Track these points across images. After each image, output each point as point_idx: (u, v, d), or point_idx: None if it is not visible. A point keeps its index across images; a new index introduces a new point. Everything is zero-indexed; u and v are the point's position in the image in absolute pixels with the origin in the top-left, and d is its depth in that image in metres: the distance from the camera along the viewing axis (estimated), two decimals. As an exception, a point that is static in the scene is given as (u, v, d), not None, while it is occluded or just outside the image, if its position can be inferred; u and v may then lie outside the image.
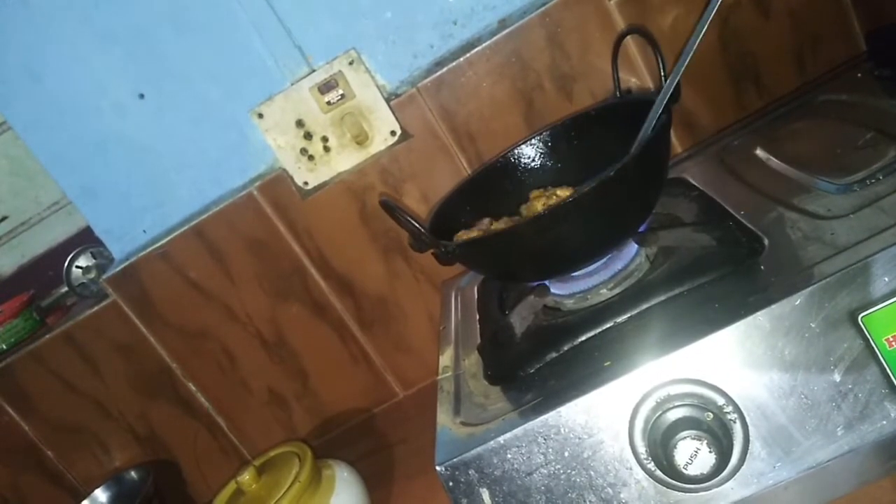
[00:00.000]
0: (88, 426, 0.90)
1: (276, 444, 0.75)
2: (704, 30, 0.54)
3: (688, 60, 0.55)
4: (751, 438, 0.47)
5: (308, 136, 0.80)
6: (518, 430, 0.49)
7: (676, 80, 0.55)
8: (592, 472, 0.48)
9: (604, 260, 0.58)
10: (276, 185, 0.81)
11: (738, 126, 0.78)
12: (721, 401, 0.46)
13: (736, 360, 0.46)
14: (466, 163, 0.81)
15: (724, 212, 0.60)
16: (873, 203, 0.51)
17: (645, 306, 0.53)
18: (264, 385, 0.89)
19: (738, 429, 0.46)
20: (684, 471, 0.45)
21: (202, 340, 0.87)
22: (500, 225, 0.66)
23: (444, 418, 0.56)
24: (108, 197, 0.84)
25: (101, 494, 0.88)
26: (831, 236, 0.50)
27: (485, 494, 0.49)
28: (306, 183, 0.82)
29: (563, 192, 0.62)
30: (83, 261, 0.95)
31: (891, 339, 0.44)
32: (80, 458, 0.92)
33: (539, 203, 0.63)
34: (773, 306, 0.46)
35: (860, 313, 0.45)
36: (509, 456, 0.49)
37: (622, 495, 0.48)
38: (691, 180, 0.69)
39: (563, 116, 0.72)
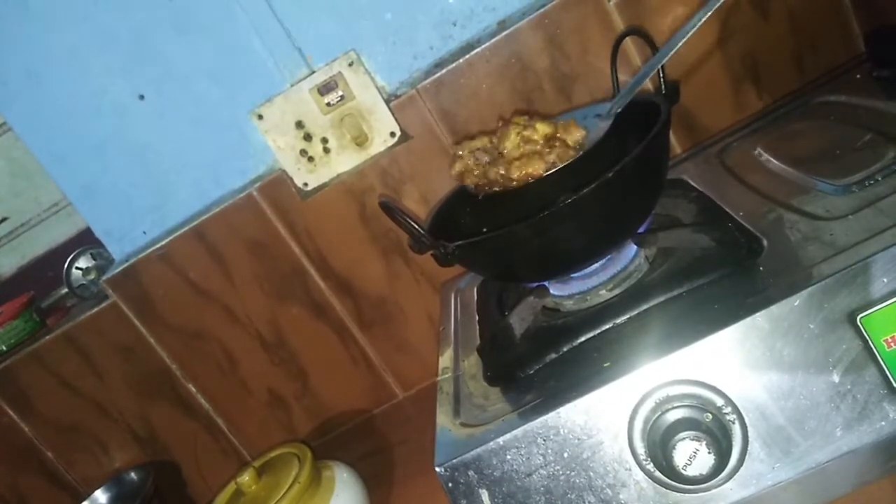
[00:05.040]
0: (88, 427, 0.90)
1: (276, 444, 0.75)
2: (699, 24, 0.53)
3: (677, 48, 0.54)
4: (750, 439, 0.47)
5: (308, 137, 0.80)
6: (517, 431, 0.49)
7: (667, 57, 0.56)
8: (592, 473, 0.48)
9: (603, 261, 0.59)
10: (276, 186, 0.81)
11: (737, 127, 0.78)
12: (720, 401, 0.46)
13: (735, 360, 0.46)
14: (466, 164, 0.81)
15: (724, 213, 0.60)
16: (872, 204, 0.51)
17: (644, 307, 0.53)
18: (264, 386, 0.89)
19: (737, 429, 0.46)
20: (683, 471, 0.45)
21: (202, 341, 0.87)
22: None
23: (444, 419, 0.56)
24: (107, 198, 0.84)
25: (101, 495, 0.88)
26: (830, 237, 0.50)
27: (484, 495, 0.50)
28: (306, 184, 0.82)
29: (543, 128, 0.61)
30: (83, 262, 0.95)
31: (889, 340, 0.44)
32: (80, 459, 0.92)
33: (514, 133, 0.61)
34: (772, 307, 0.46)
35: (859, 314, 0.45)
36: (509, 457, 0.49)
37: (621, 496, 0.48)
38: (690, 181, 0.69)
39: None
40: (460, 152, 0.64)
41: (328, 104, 0.79)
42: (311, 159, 0.81)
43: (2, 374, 0.87)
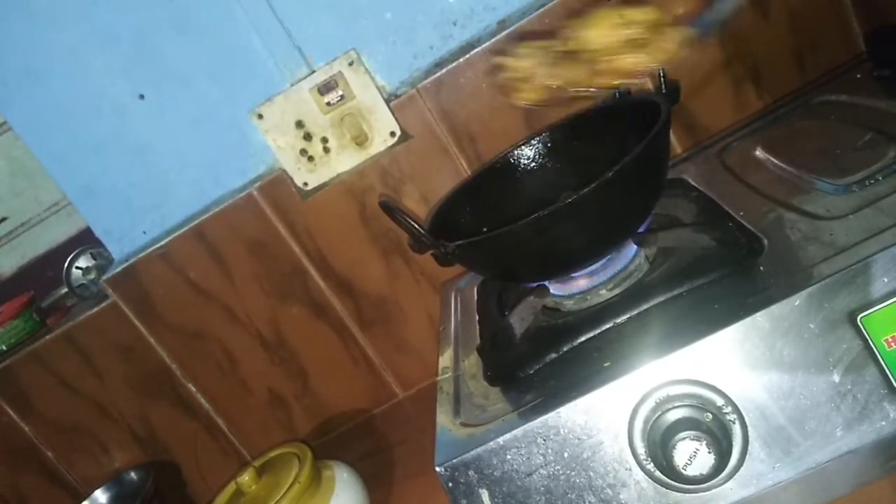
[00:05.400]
0: (88, 427, 0.90)
1: (276, 444, 0.75)
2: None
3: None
4: (750, 439, 0.47)
5: (308, 136, 0.80)
6: (518, 431, 0.49)
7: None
8: (592, 473, 0.48)
9: (603, 261, 0.58)
10: (276, 185, 0.81)
11: (737, 126, 0.78)
12: (720, 401, 0.46)
13: (735, 360, 0.46)
14: (466, 164, 0.81)
15: (724, 212, 0.60)
16: (872, 204, 0.51)
17: (644, 307, 0.53)
18: (264, 386, 0.89)
19: (737, 429, 0.46)
20: (683, 471, 0.45)
21: (202, 341, 0.87)
22: None
23: (444, 419, 0.56)
24: (107, 198, 0.84)
25: (101, 495, 0.88)
26: (830, 237, 0.50)
27: (484, 495, 0.49)
28: (306, 184, 0.82)
29: (639, 15, 0.50)
30: (83, 261, 0.95)
31: (890, 340, 0.44)
32: (80, 459, 0.92)
33: (604, 15, 0.49)
34: (773, 307, 0.46)
35: (859, 314, 0.45)
36: (509, 457, 0.49)
37: (622, 496, 0.48)
38: (691, 181, 0.69)
39: (563, 117, 0.72)
40: (515, 53, 0.52)
41: (328, 104, 0.79)
42: (311, 159, 0.81)
43: (2, 373, 0.87)
